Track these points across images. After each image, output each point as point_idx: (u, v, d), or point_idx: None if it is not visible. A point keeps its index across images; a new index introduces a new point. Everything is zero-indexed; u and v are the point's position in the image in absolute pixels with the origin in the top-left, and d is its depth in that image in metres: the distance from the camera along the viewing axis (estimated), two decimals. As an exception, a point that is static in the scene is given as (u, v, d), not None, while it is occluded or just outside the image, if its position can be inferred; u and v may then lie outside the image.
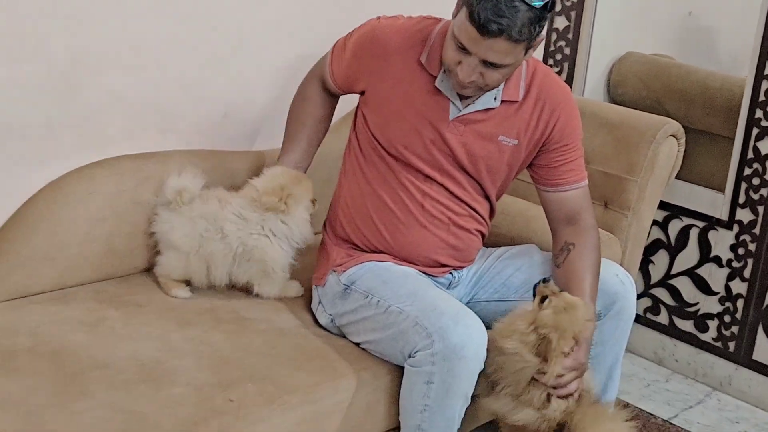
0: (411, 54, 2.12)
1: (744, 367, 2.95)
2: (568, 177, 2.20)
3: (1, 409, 1.71)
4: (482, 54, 1.92)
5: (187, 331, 2.07)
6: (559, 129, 2.17)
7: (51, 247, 2.19)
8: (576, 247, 2.16)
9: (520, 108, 2.14)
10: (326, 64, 2.29)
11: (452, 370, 1.93)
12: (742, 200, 2.87)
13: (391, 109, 2.14)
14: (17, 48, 2.11)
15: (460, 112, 2.11)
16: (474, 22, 1.87)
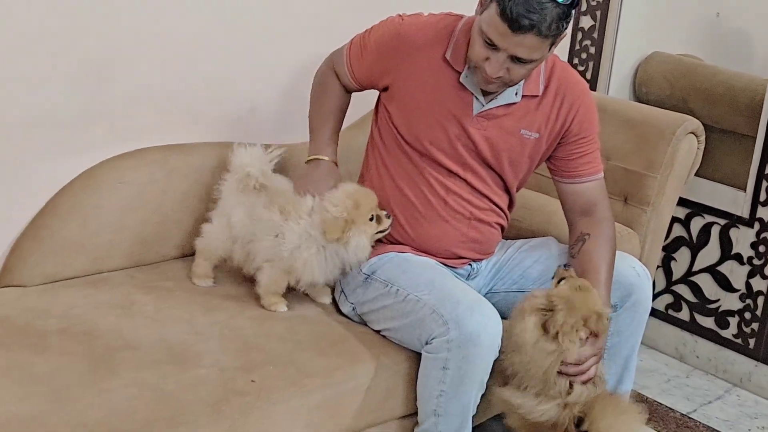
0: (436, 51, 2.14)
1: (764, 364, 2.94)
2: (585, 169, 2.23)
3: (34, 386, 1.76)
4: (511, 49, 1.94)
5: (213, 316, 2.11)
6: (578, 122, 2.19)
7: (83, 235, 2.23)
8: (591, 238, 2.18)
9: (541, 102, 2.17)
10: (343, 63, 2.28)
11: (467, 357, 1.95)
12: (763, 198, 2.86)
13: (417, 104, 2.15)
14: (53, 43, 2.16)
15: (484, 108, 2.14)
16: (506, 17, 1.89)
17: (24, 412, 1.68)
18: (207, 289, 2.26)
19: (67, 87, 2.22)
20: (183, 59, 2.41)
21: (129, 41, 2.29)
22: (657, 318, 3.18)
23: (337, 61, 2.31)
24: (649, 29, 3.29)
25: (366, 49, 2.23)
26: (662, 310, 3.18)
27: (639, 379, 2.96)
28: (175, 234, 2.40)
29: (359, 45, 2.25)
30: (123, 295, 2.16)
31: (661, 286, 3.17)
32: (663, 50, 3.34)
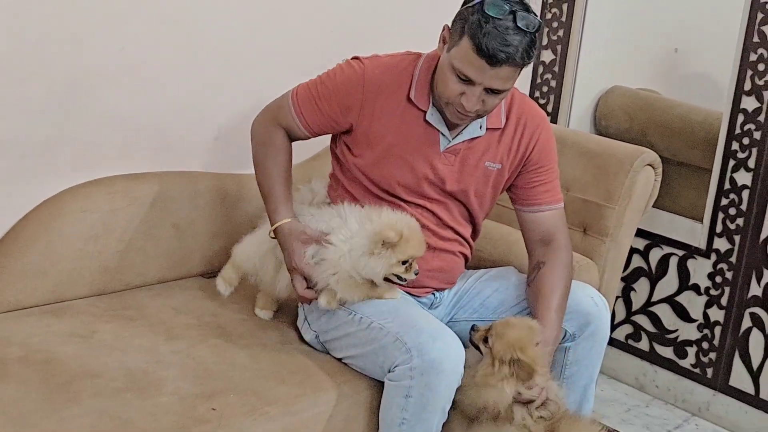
0: (400, 91, 2.14)
1: (721, 393, 2.96)
2: (544, 198, 2.25)
3: (-7, 414, 1.75)
4: (488, 82, 1.97)
5: (175, 344, 2.10)
6: (537, 151, 2.22)
7: (45, 263, 2.22)
8: (546, 265, 2.20)
9: (503, 134, 2.20)
10: (291, 115, 2.19)
11: (430, 385, 1.95)
12: (719, 230, 2.90)
13: (386, 147, 2.15)
14: (19, 68, 2.15)
15: (450, 143, 2.16)
16: (483, 53, 1.92)
17: (-19, 441, 1.68)
18: (168, 317, 2.25)
19: (32, 114, 2.22)
20: (149, 88, 2.41)
21: (94, 69, 2.29)
22: (617, 348, 3.20)
23: (281, 115, 2.22)
24: (608, 64, 3.34)
25: (323, 98, 2.16)
26: (622, 340, 3.20)
27: (599, 408, 2.98)
28: (138, 263, 2.39)
29: (312, 94, 2.18)
30: (84, 324, 2.15)
31: (620, 317, 3.19)
32: (622, 84, 3.38)
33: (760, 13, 2.74)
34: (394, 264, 2.04)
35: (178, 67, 2.45)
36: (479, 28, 1.92)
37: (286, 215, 2.16)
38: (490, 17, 1.92)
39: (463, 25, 1.96)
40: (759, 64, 2.76)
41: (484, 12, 1.92)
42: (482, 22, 1.92)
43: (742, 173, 2.84)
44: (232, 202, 2.53)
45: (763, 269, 2.83)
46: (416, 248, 2.06)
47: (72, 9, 2.21)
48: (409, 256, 2.04)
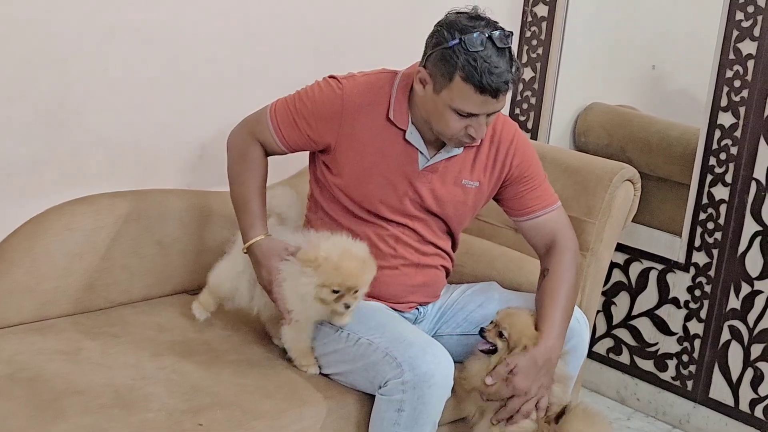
0: (378, 111, 2.15)
1: (701, 405, 2.98)
2: (537, 203, 2.27)
3: (-21, 432, 1.75)
4: (491, 109, 2.01)
5: (160, 361, 2.10)
6: (516, 165, 2.24)
7: (30, 281, 2.22)
8: (549, 273, 2.22)
9: (478, 152, 2.21)
10: (269, 131, 2.19)
11: (422, 398, 1.97)
12: (698, 244, 2.93)
13: (366, 166, 2.16)
14: (4, 88, 2.16)
15: (428, 162, 2.17)
16: (486, 91, 1.95)
17: (-32, 458, 1.68)
18: (154, 334, 2.24)
19: (17, 133, 2.23)
20: (133, 107, 2.42)
21: (79, 89, 2.30)
22: (598, 361, 3.22)
23: (258, 129, 2.22)
24: (587, 81, 3.36)
25: (301, 116, 2.16)
26: (603, 353, 3.22)
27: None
28: (123, 280, 2.39)
29: (289, 111, 2.18)
30: (69, 341, 2.14)
31: (601, 330, 3.21)
32: (601, 101, 3.40)
33: (736, 30, 2.78)
34: (319, 288, 2.00)
35: (161, 87, 2.46)
36: (473, 70, 1.94)
37: (262, 231, 2.17)
38: (475, 54, 1.94)
39: (452, 70, 1.97)
40: (735, 80, 2.80)
41: (469, 50, 1.94)
42: (472, 62, 1.94)
43: (720, 188, 2.87)
44: (215, 219, 2.54)
45: (741, 282, 2.85)
46: (345, 278, 1.99)
47: (56, 31, 2.23)
48: (337, 285, 1.99)
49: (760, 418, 2.88)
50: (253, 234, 2.16)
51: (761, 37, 2.73)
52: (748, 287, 2.85)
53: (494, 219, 2.70)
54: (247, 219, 2.19)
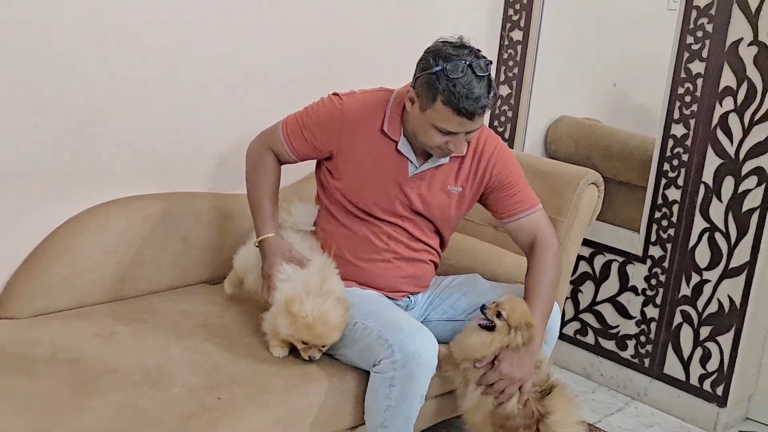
0: (374, 124, 2.15)
1: (657, 380, 2.99)
2: (519, 206, 2.26)
3: (24, 406, 1.74)
4: (468, 129, 2.01)
5: (185, 343, 2.10)
6: (496, 174, 2.23)
7: (69, 273, 2.22)
8: (531, 270, 2.22)
9: (462, 161, 2.21)
10: (281, 142, 2.21)
11: (411, 375, 1.97)
12: (653, 239, 2.93)
13: (363, 172, 2.16)
14: (42, 104, 2.16)
15: (417, 170, 2.17)
16: (464, 114, 1.95)
17: (14, 429, 1.66)
18: (179, 319, 2.24)
19: (56, 143, 2.22)
20: (160, 121, 2.42)
21: (109, 105, 2.29)
22: (567, 342, 3.22)
23: (272, 141, 2.24)
24: (557, 96, 3.36)
25: (307, 128, 2.18)
26: (571, 335, 3.22)
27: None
28: (152, 272, 2.39)
29: (298, 125, 2.20)
30: (104, 326, 2.14)
31: (570, 315, 3.22)
32: (569, 114, 3.41)
33: (686, 52, 2.78)
34: (290, 336, 2.02)
35: (185, 104, 2.46)
36: (452, 94, 1.94)
37: (272, 230, 2.19)
38: (455, 80, 1.94)
39: (434, 93, 1.97)
40: (686, 96, 2.80)
41: (450, 77, 1.94)
42: (451, 87, 1.94)
43: (673, 190, 2.87)
44: (232, 218, 2.54)
45: (691, 273, 2.86)
46: (313, 338, 2.00)
47: (89, 54, 2.22)
48: (306, 339, 2.01)
49: (707, 390, 2.88)
50: (264, 231, 2.19)
51: (708, 59, 2.73)
52: (697, 277, 2.85)
53: (477, 218, 2.70)
54: (260, 219, 2.21)
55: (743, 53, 2.66)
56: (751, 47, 2.65)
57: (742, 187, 2.71)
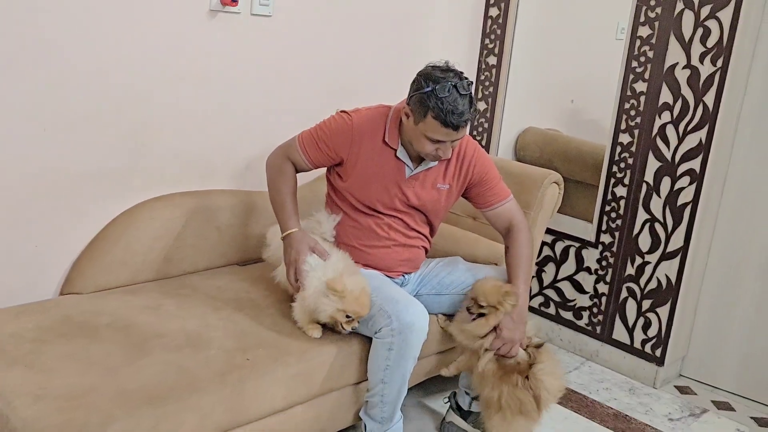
0: (377, 136, 2.15)
1: (607, 344, 3.00)
2: (494, 198, 2.26)
3: (89, 365, 1.75)
4: (453, 138, 2.01)
5: (220, 314, 2.11)
6: (476, 173, 2.24)
7: (125, 256, 2.23)
8: (510, 250, 2.23)
9: (449, 163, 2.21)
10: (299, 153, 2.18)
11: (406, 340, 1.98)
12: (604, 228, 2.94)
13: (369, 177, 2.15)
14: (104, 116, 2.17)
15: (413, 172, 2.17)
16: (449, 125, 1.96)
17: (82, 383, 1.68)
18: (215, 293, 2.23)
19: (115, 150, 2.23)
20: (198, 131, 2.42)
21: (157, 118, 2.30)
22: (533, 313, 3.22)
23: (290, 152, 2.20)
24: (525, 111, 3.36)
25: (322, 141, 2.16)
26: (536, 307, 3.23)
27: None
28: (192, 255, 2.39)
29: (313, 139, 2.17)
30: (153, 299, 2.15)
31: (535, 290, 3.23)
32: (535, 125, 3.42)
33: (632, 74, 2.78)
34: (338, 311, 1.97)
35: (218, 116, 2.46)
36: (440, 111, 1.95)
37: (296, 226, 2.16)
38: (443, 98, 1.95)
39: (425, 109, 1.98)
40: (631, 110, 2.80)
41: (438, 96, 1.95)
42: (439, 104, 1.95)
43: (620, 188, 2.87)
44: (258, 211, 2.54)
45: (635, 256, 2.86)
46: (357, 307, 1.97)
47: (140, 74, 2.23)
48: (352, 312, 1.97)
49: (648, 352, 2.89)
50: (290, 226, 2.15)
51: (650, 80, 2.74)
52: (640, 259, 2.86)
53: (459, 211, 2.71)
54: (284, 216, 2.17)
55: (678, 75, 2.67)
56: (685, 70, 2.65)
57: (677, 185, 2.72)
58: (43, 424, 1.52)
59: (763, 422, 2.73)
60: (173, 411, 1.67)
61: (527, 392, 2.09)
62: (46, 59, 2.02)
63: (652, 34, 2.71)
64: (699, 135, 2.64)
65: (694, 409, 2.77)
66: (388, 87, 2.86)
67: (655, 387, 2.88)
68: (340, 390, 2.10)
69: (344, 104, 2.41)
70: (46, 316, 1.98)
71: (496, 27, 3.19)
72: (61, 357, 1.77)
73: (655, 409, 2.73)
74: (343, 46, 2.75)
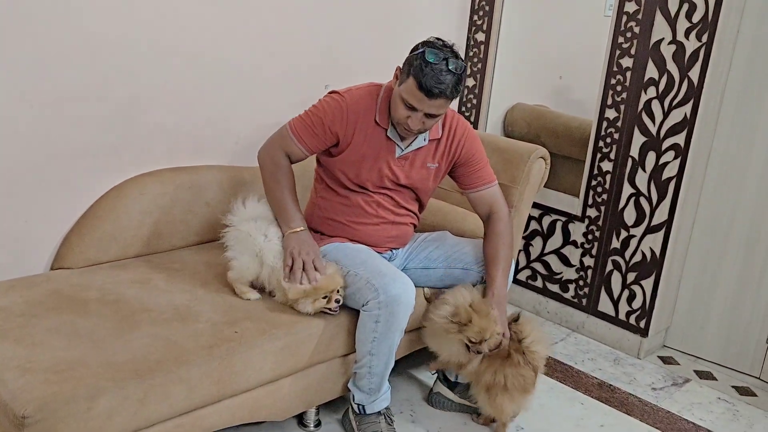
0: (369, 115, 2.11)
1: (592, 315, 3.00)
2: (479, 181, 2.23)
3: (77, 338, 1.74)
4: (426, 109, 1.96)
5: (208, 288, 2.09)
6: (464, 153, 2.21)
7: (114, 231, 2.20)
8: (488, 237, 2.19)
9: (439, 142, 2.18)
10: (293, 143, 2.10)
11: (393, 313, 1.96)
12: (590, 202, 2.92)
13: (361, 156, 2.12)
14: (92, 92, 2.13)
15: (402, 152, 2.14)
16: (422, 89, 1.90)
17: (70, 357, 1.66)
18: (204, 268, 2.22)
19: (102, 125, 2.19)
20: (187, 106, 2.38)
21: (147, 94, 2.26)
22: (520, 286, 3.23)
23: (284, 143, 2.12)
24: (513, 87, 3.34)
25: (317, 126, 2.09)
26: (524, 280, 3.23)
27: (508, 327, 3.00)
28: (181, 230, 2.37)
29: (306, 124, 2.10)
30: (142, 274, 2.13)
31: (523, 264, 3.22)
32: (523, 101, 3.39)
33: (618, 50, 2.75)
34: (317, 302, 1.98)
35: (207, 92, 2.42)
36: (420, 71, 1.91)
37: (302, 225, 2.10)
38: (429, 62, 1.91)
39: (410, 68, 1.94)
40: (617, 86, 2.77)
41: (425, 59, 1.91)
42: (423, 66, 1.91)
43: (606, 162, 2.85)
44: (247, 186, 2.50)
45: (620, 229, 2.85)
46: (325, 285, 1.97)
47: (129, 50, 2.18)
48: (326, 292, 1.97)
49: (633, 324, 2.89)
50: (294, 225, 2.09)
51: (636, 56, 2.70)
52: (625, 233, 2.84)
53: (447, 186, 2.68)
54: (286, 215, 2.10)
55: (664, 50, 2.64)
56: (670, 45, 2.62)
57: (662, 159, 2.70)
58: (31, 396, 1.50)
59: (744, 391, 2.73)
60: (161, 383, 1.66)
61: (528, 367, 2.08)
62: (32, 35, 1.97)
63: (638, 9, 2.67)
64: (684, 110, 2.61)
65: (677, 378, 2.77)
66: (377, 62, 2.82)
67: (639, 357, 2.88)
68: (328, 362, 2.08)
69: (332, 79, 2.37)
70: (36, 290, 1.95)
71: (485, 3, 3.15)
72: (50, 331, 1.75)
73: (638, 379, 2.73)
74: (331, 21, 2.70)
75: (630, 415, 2.47)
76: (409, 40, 2.04)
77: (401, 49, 2.02)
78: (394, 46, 2.11)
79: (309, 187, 2.45)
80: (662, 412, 2.52)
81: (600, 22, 3.06)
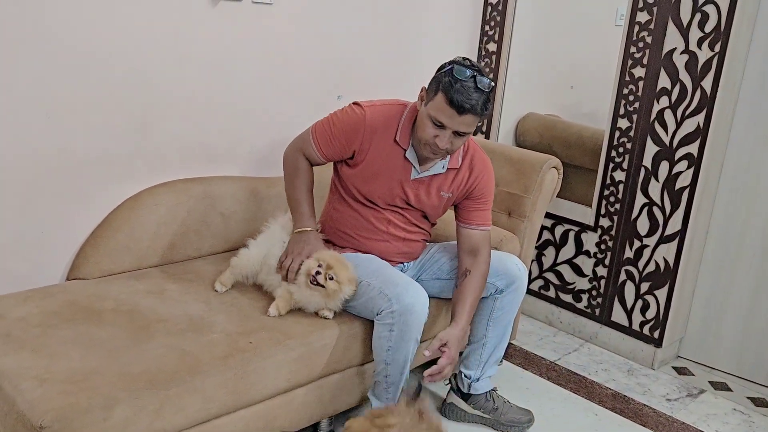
0: (389, 133, 2.09)
1: (605, 326, 2.98)
2: (476, 220, 2.19)
3: (93, 348, 1.74)
4: (455, 127, 1.94)
5: (222, 298, 2.09)
6: (479, 188, 2.18)
7: (129, 241, 2.21)
8: (471, 274, 2.15)
9: (457, 173, 2.16)
10: (312, 147, 2.13)
11: (406, 322, 1.95)
12: (603, 212, 2.91)
13: (375, 172, 2.11)
14: (108, 103, 2.14)
15: (418, 175, 2.13)
16: (453, 105, 1.90)
17: (86, 367, 1.66)
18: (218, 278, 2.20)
19: (121, 137, 2.20)
20: (201, 116, 2.39)
21: (161, 104, 2.27)
22: (533, 296, 3.21)
23: (304, 146, 2.15)
24: (525, 97, 3.33)
25: (335, 137, 2.10)
26: (536, 290, 3.21)
27: (521, 338, 3.00)
28: (195, 241, 2.37)
29: (326, 132, 2.12)
30: (157, 284, 2.14)
31: (535, 273, 3.20)
32: (535, 111, 3.38)
33: (630, 60, 2.74)
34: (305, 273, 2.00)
35: (221, 102, 2.43)
36: (450, 87, 1.90)
37: (313, 225, 2.13)
38: (458, 79, 1.90)
39: (438, 85, 1.94)
40: (629, 96, 2.77)
41: (454, 75, 1.91)
42: (452, 82, 1.91)
43: (619, 172, 2.84)
44: (260, 197, 2.51)
45: (633, 239, 2.84)
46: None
47: (143, 60, 2.20)
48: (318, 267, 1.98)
49: (646, 334, 2.87)
50: (306, 225, 2.11)
51: (648, 65, 2.70)
52: (638, 242, 2.83)
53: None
54: (299, 215, 2.13)
55: (676, 60, 2.63)
56: (683, 55, 2.61)
57: (675, 169, 2.69)
58: (48, 406, 1.50)
59: (760, 402, 2.71)
60: (176, 394, 1.66)
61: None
62: (48, 45, 1.99)
63: (650, 19, 2.66)
64: (697, 119, 2.60)
65: (692, 389, 2.74)
66: (389, 73, 2.83)
67: (653, 368, 2.85)
68: (342, 372, 2.08)
69: (345, 90, 2.37)
70: (52, 301, 1.96)
71: (496, 14, 3.15)
72: (66, 341, 1.75)
73: (653, 390, 2.70)
74: (343, 33, 2.71)
75: (645, 426, 2.45)
76: (422, 50, 2.05)
77: (414, 60, 2.02)
78: (408, 57, 2.11)
79: (324, 196, 2.44)
80: (677, 423, 2.49)
81: (611, 31, 3.06)
